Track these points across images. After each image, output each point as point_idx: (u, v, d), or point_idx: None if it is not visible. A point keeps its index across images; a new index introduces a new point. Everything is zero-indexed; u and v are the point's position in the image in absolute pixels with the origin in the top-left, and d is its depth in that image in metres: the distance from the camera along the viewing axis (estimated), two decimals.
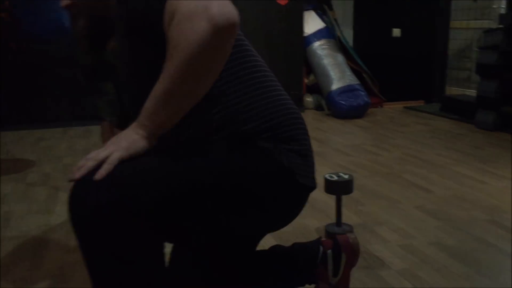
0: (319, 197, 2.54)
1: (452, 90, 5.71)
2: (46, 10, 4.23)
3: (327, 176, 1.96)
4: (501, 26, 4.09)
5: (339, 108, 4.71)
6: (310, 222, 2.21)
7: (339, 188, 1.93)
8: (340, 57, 4.98)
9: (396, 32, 5.29)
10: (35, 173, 3.04)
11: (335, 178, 1.94)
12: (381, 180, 2.81)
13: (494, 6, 5.45)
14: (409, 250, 1.92)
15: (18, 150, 3.65)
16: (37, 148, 3.71)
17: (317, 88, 5.14)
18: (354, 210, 2.33)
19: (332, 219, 2.17)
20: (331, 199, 2.48)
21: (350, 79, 4.86)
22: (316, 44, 4.98)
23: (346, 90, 4.75)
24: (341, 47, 5.10)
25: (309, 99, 5.19)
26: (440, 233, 2.07)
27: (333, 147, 3.66)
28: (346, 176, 1.95)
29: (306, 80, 5.19)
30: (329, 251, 1.39)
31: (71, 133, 4.23)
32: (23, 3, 4.20)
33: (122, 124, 1.42)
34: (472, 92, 5.27)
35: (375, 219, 2.24)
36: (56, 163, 3.28)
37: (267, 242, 2.02)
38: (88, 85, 1.54)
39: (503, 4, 5.26)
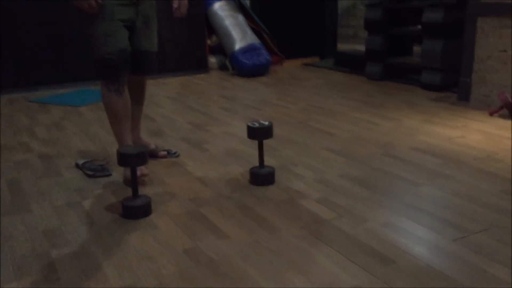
0: (238, 147, 2.76)
1: (343, 46, 6.19)
2: None
3: (249, 124, 2.17)
4: None
5: (243, 67, 4.92)
6: (235, 168, 2.43)
7: (261, 134, 2.15)
8: (241, 18, 5.17)
9: None
10: None
11: (257, 125, 2.16)
12: (291, 129, 3.10)
13: None
14: (322, 182, 2.23)
15: None
16: None
17: (220, 49, 5.30)
18: (271, 155, 2.59)
19: (252, 163, 2.41)
20: (248, 147, 2.71)
21: (252, 38, 5.07)
22: (217, 5, 5.10)
23: (249, 50, 4.97)
24: (240, 7, 5.28)
25: (213, 59, 5.33)
26: (346, 167, 2.40)
27: (242, 103, 3.88)
28: (266, 123, 2.17)
29: (209, 42, 5.31)
30: None
31: None
32: None
33: None
34: (360, 47, 5.77)
35: (291, 161, 2.52)
36: None
37: (196, 186, 2.21)
38: None
39: None
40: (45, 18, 4.46)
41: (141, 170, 2.19)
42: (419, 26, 4.25)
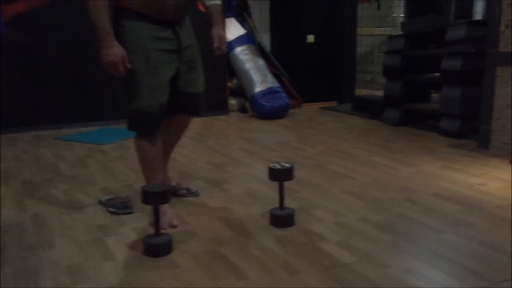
0: (257, 188, 2.78)
1: (361, 92, 6.27)
2: None
3: (270, 165, 2.21)
4: (402, 32, 4.62)
5: (262, 109, 5.01)
6: (255, 209, 2.45)
7: (282, 175, 2.19)
8: (261, 62, 5.30)
9: (310, 38, 5.71)
10: None
11: (278, 166, 2.19)
12: (310, 171, 3.12)
13: (394, 15, 6.08)
14: (342, 226, 2.23)
15: None
16: None
17: (240, 91, 5.41)
18: (291, 197, 2.60)
19: (272, 205, 2.43)
20: (268, 189, 2.73)
21: (271, 82, 5.19)
22: (238, 50, 5.25)
23: (268, 93, 5.07)
24: (261, 52, 5.42)
25: (233, 101, 5.44)
26: (366, 211, 2.41)
27: (261, 145, 3.94)
28: (287, 165, 2.21)
29: (229, 84, 5.44)
30: None
31: None
32: None
33: None
34: (377, 92, 5.85)
35: (310, 203, 2.53)
36: None
37: (216, 226, 2.23)
38: None
39: (402, 13, 5.90)
40: (71, 58, 4.63)
41: (171, 221, 2.21)
42: (438, 74, 4.31)
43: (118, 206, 2.41)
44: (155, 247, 1.93)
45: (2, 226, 2.25)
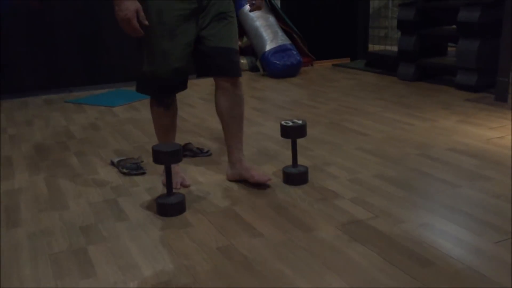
0: (270, 146, 2.75)
1: (374, 47, 6.11)
2: None
3: (282, 122, 2.16)
4: None
5: (273, 68, 4.91)
6: (268, 168, 2.42)
7: (295, 132, 2.14)
8: (272, 19, 5.16)
9: None
10: None
11: (290, 124, 2.14)
12: (323, 129, 3.07)
13: None
14: (356, 182, 2.19)
15: None
16: None
17: (250, 50, 5.31)
18: (304, 154, 2.57)
19: (285, 163, 2.40)
20: (280, 147, 2.70)
21: (282, 39, 5.06)
22: (248, 7, 5.11)
23: (279, 50, 4.96)
24: (271, 9, 5.27)
25: (243, 61, 5.34)
26: (381, 167, 2.37)
27: (273, 104, 3.88)
28: (299, 122, 2.16)
29: (239, 43, 5.32)
30: None
31: (5, 106, 4.10)
32: None
33: None
34: (391, 48, 5.69)
35: (324, 160, 2.50)
36: (0, 134, 3.22)
37: (229, 185, 2.21)
38: None
39: None
40: (80, 20, 4.56)
41: (183, 181, 2.19)
42: (454, 26, 4.16)
43: (130, 167, 2.40)
44: (168, 206, 1.92)
45: (16, 188, 2.26)
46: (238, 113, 2.16)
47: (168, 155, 1.87)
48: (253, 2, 2.17)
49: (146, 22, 1.89)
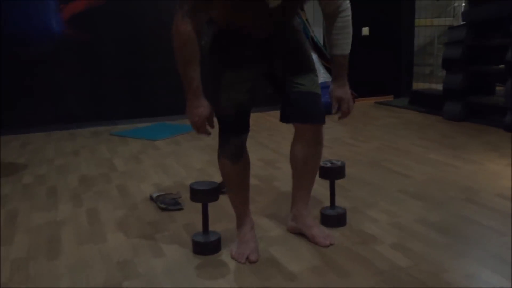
0: None
1: (418, 85, 6.02)
2: (33, 12, 4.26)
3: (321, 163, 2.13)
4: (463, 22, 4.38)
5: (324, 104, 4.90)
6: None
7: (334, 174, 2.11)
8: (314, 56, 5.19)
9: (365, 31, 5.54)
10: (30, 174, 3.11)
11: (329, 164, 2.12)
12: (363, 168, 3.01)
13: (455, 4, 5.79)
14: (397, 227, 2.12)
15: (6, 154, 3.68)
16: (25, 151, 3.75)
17: None
18: (343, 195, 2.52)
19: (323, 204, 2.36)
20: (319, 186, 2.66)
21: (324, 76, 5.07)
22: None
23: (321, 87, 4.94)
24: (314, 46, 5.32)
25: None
26: (423, 212, 2.28)
27: None
28: (338, 163, 2.13)
29: None
30: None
31: (55, 137, 4.27)
32: (9, 4, 4.22)
33: None
34: (436, 86, 5.59)
35: (364, 202, 2.44)
36: (48, 164, 3.34)
37: (266, 224, 2.18)
38: None
39: (463, 2, 5.60)
40: (127, 54, 4.74)
41: (250, 254, 1.87)
42: (502, 66, 4.05)
43: (169, 202, 2.42)
44: (204, 245, 1.92)
45: (58, 220, 2.32)
46: (313, 166, 1.98)
47: (205, 193, 1.88)
48: (338, 106, 2.02)
49: (213, 126, 1.80)
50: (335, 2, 1.80)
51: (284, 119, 1.97)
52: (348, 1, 1.84)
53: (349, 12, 1.85)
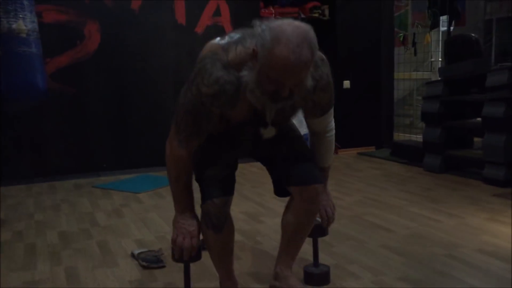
0: None
1: (399, 136, 6.15)
2: (17, 69, 4.29)
3: None
4: (440, 78, 4.54)
5: None
6: None
7: (316, 231, 2.11)
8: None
9: (346, 84, 5.70)
10: (8, 231, 3.04)
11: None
12: (347, 223, 3.02)
13: (432, 59, 6.01)
14: (380, 284, 2.12)
15: None
16: (4, 206, 3.68)
17: None
18: (326, 251, 2.51)
19: (306, 260, 2.34)
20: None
21: (307, 128, 5.15)
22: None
23: (304, 139, 5.02)
24: None
25: None
26: (406, 269, 2.28)
27: None
28: (319, 219, 2.14)
29: None
30: None
31: (35, 190, 4.22)
32: None
33: None
34: (416, 137, 5.71)
35: (347, 258, 2.43)
36: (27, 220, 3.28)
37: (247, 282, 2.16)
38: None
39: (440, 58, 5.82)
40: (111, 107, 4.78)
41: None
42: (479, 119, 4.17)
43: (150, 260, 2.39)
44: None
45: (37, 280, 2.26)
46: (304, 234, 1.98)
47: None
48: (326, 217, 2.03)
49: (196, 245, 1.82)
50: (324, 121, 1.91)
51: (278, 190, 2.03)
52: (333, 120, 1.97)
53: (334, 131, 2.00)
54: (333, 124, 1.99)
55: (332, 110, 1.90)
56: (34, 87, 3.66)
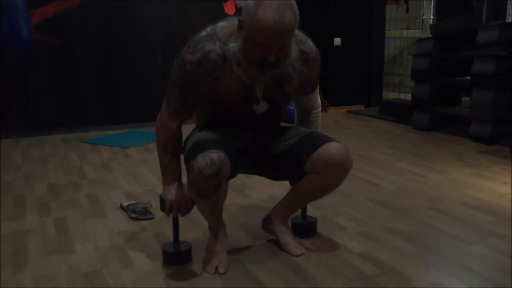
0: (280, 194, 2.73)
1: (388, 95, 6.15)
2: (1, 17, 4.17)
3: None
4: (431, 35, 4.50)
5: (288, 113, 4.95)
6: None
7: None
8: None
9: (337, 41, 5.63)
10: None
11: None
12: None
13: (424, 17, 5.95)
14: (366, 235, 2.16)
15: None
16: None
17: None
18: (313, 204, 2.54)
19: (297, 212, 2.38)
20: None
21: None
22: None
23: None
24: None
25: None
26: (391, 220, 2.33)
27: None
28: None
29: None
30: None
31: (23, 143, 4.18)
32: None
33: None
34: (405, 96, 5.72)
35: (333, 211, 2.47)
36: (15, 172, 3.27)
37: (236, 233, 2.19)
38: None
39: (432, 15, 5.76)
40: (99, 60, 4.69)
41: (219, 266, 1.84)
42: (468, 77, 4.17)
43: (139, 212, 2.41)
44: (174, 255, 1.91)
45: (25, 230, 2.28)
46: (315, 198, 2.02)
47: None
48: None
49: (186, 213, 1.89)
50: (312, 98, 1.99)
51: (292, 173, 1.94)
52: (319, 98, 2.05)
53: (320, 108, 2.08)
54: (319, 101, 2.07)
55: (318, 87, 1.99)
56: (18, 37, 3.57)
